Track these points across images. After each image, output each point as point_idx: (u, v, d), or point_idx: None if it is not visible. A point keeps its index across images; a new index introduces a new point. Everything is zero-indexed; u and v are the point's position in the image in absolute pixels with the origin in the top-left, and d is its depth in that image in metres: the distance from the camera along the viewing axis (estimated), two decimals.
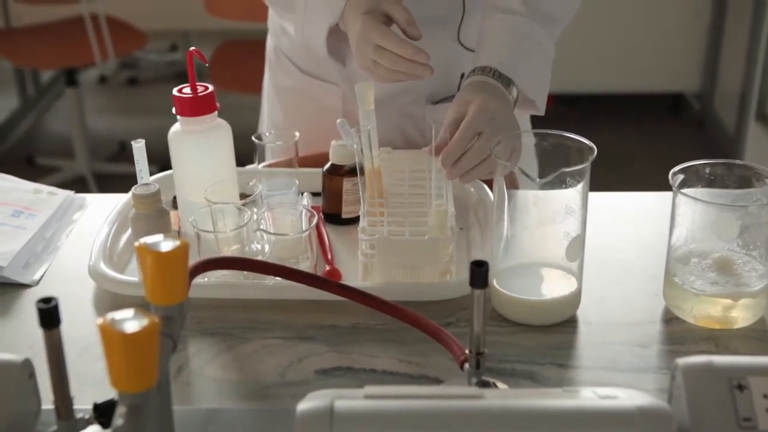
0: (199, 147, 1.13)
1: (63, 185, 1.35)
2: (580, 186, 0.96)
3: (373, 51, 1.14)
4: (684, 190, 0.98)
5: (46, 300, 0.71)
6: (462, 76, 1.35)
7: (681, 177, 0.99)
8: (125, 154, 3.70)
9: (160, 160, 1.67)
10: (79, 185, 3.34)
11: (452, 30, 1.32)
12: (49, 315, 0.71)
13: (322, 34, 1.26)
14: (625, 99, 3.99)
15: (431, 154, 1.12)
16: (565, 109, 3.82)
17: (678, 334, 1.00)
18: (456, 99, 1.16)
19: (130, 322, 0.63)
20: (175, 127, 1.13)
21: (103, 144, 3.77)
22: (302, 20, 1.28)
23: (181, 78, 4.22)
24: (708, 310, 0.99)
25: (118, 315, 0.64)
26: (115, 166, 3.58)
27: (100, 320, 0.63)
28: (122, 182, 1.76)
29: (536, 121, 1.50)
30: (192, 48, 1.10)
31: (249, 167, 1.33)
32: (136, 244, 0.74)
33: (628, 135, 3.76)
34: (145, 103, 4.21)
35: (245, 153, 1.37)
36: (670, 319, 1.02)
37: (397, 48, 1.12)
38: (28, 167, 3.55)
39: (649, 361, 0.96)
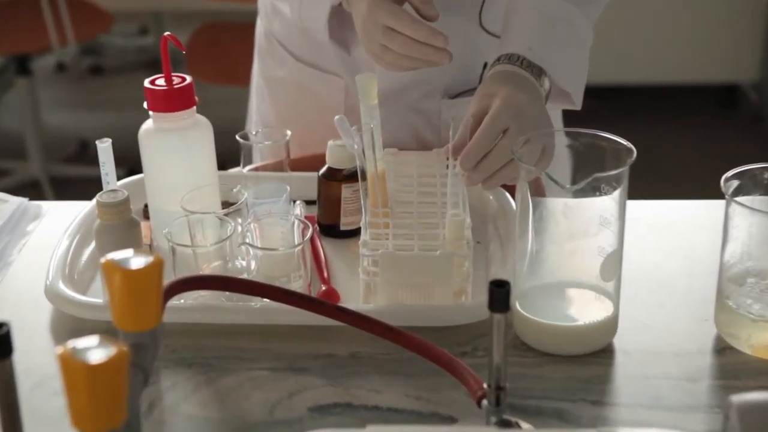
0: (175, 148, 1.13)
1: (13, 190, 1.36)
2: (616, 193, 0.96)
3: (382, 34, 1.14)
4: (739, 198, 0.98)
5: None
6: (485, 66, 1.35)
7: (735, 183, 0.99)
8: (87, 154, 3.70)
9: (129, 162, 1.68)
10: (32, 190, 3.35)
11: (473, 12, 1.32)
12: (0, 343, 0.71)
13: (323, 15, 1.26)
14: (670, 91, 3.99)
15: (448, 156, 1.12)
16: (600, 104, 3.83)
17: (732, 366, 1.00)
18: (478, 91, 1.16)
19: (95, 351, 0.64)
20: (147, 125, 1.14)
21: (61, 142, 3.78)
22: (299, 4, 1.28)
23: (153, 66, 4.23)
24: None
25: (81, 343, 0.64)
26: (75, 169, 3.58)
27: (59, 349, 0.63)
28: (83, 187, 1.76)
29: (565, 118, 1.51)
30: (166, 33, 1.10)
31: (233, 171, 1.33)
32: (102, 260, 0.75)
33: (672, 134, 3.76)
34: (111, 96, 4.21)
35: (228, 154, 1.37)
36: (722, 348, 1.02)
37: (409, 29, 1.13)
38: None
39: (699, 397, 0.96)
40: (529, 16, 1.22)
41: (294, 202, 1.23)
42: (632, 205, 1.02)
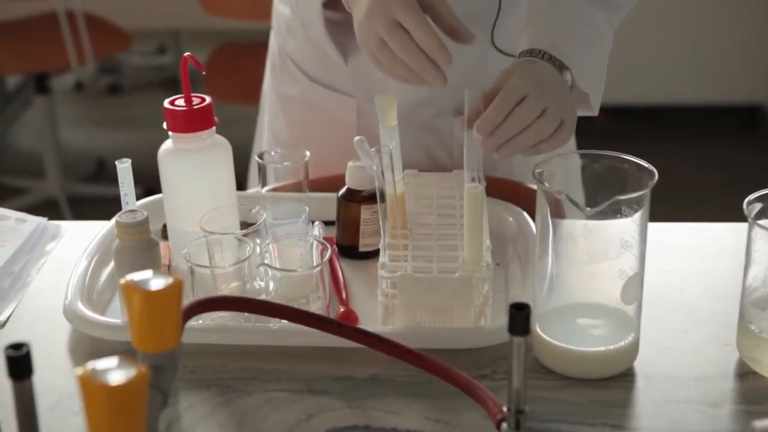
0: (194, 168, 1.14)
1: (31, 209, 1.37)
2: (637, 216, 0.96)
3: (387, 27, 1.07)
4: (761, 222, 0.98)
5: (17, 346, 0.72)
6: None
7: (758, 206, 0.99)
8: (104, 173, 3.72)
9: (146, 181, 1.68)
10: (49, 209, 3.36)
11: (485, 30, 1.32)
12: (20, 364, 0.72)
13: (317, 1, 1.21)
14: (691, 112, 3.98)
15: (464, 127, 1.09)
16: (621, 124, 3.83)
17: (755, 391, 1.00)
18: (499, 74, 1.14)
19: (115, 372, 0.64)
20: (167, 145, 1.14)
21: (79, 161, 3.80)
22: None
23: (170, 85, 4.26)
24: None
25: (100, 364, 0.65)
26: (93, 188, 3.60)
27: (79, 370, 0.64)
28: (101, 206, 1.77)
29: (583, 139, 1.51)
30: (187, 54, 1.11)
31: (251, 191, 1.34)
32: (122, 281, 0.75)
33: (694, 155, 3.75)
34: (129, 114, 4.24)
35: (246, 174, 1.38)
36: (745, 373, 1.02)
37: (420, 32, 1.06)
38: None
39: (721, 423, 0.95)
40: (553, 14, 1.21)
41: (313, 223, 1.24)
42: (653, 227, 1.02)
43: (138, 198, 1.15)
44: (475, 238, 1.05)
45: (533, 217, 1.13)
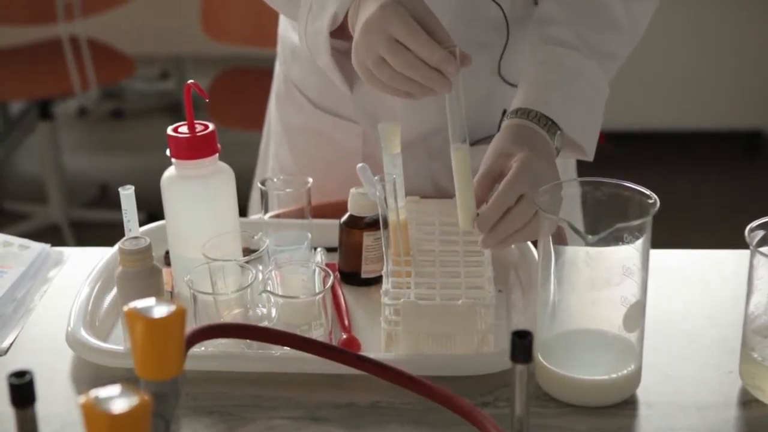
0: (197, 195, 1.14)
1: (33, 235, 1.37)
2: (639, 243, 0.97)
3: (386, 45, 1.04)
4: (763, 249, 0.98)
5: (20, 374, 0.72)
6: (504, 112, 1.36)
7: (760, 234, 0.99)
8: (107, 198, 3.73)
9: (148, 207, 1.69)
10: (52, 235, 3.36)
11: (493, 61, 1.33)
12: (23, 391, 0.72)
13: (324, 28, 1.19)
14: (692, 138, 3.99)
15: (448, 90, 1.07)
16: (619, 151, 3.82)
17: (758, 419, 0.99)
18: (493, 148, 1.15)
19: (117, 400, 0.64)
20: (170, 172, 1.15)
21: (82, 187, 3.81)
22: (306, 15, 1.22)
23: (173, 110, 4.27)
24: None
25: (103, 392, 0.65)
26: (96, 213, 3.60)
27: (82, 398, 0.64)
28: (103, 232, 1.78)
29: (583, 165, 1.51)
30: (190, 81, 1.12)
31: (254, 218, 1.34)
32: (125, 308, 0.75)
33: (695, 181, 3.76)
34: (131, 140, 4.25)
35: (248, 201, 1.38)
36: (748, 401, 1.02)
37: (425, 49, 1.03)
38: None
39: None
40: (549, 71, 1.23)
41: (315, 249, 1.24)
42: (655, 254, 1.02)
43: (141, 223, 1.15)
44: (466, 197, 1.08)
45: (535, 244, 1.13)
